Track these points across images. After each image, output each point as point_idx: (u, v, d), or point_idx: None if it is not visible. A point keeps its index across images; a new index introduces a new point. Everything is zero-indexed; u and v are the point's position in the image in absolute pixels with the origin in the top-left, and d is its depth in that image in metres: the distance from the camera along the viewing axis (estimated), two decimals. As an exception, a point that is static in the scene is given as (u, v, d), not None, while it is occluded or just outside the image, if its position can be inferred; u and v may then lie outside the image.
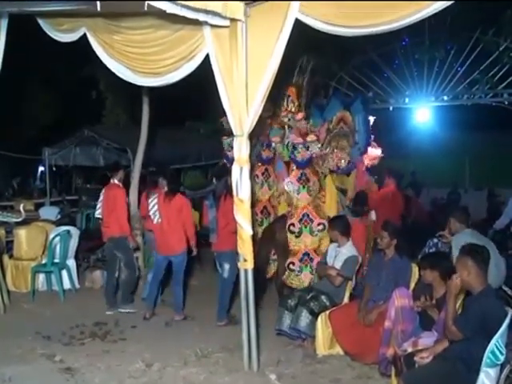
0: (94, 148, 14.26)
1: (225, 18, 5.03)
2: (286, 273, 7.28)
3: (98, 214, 8.00)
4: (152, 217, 7.20)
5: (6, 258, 8.51)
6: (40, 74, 19.39)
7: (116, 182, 7.68)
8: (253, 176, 7.76)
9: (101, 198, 7.90)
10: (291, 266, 7.26)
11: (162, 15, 5.27)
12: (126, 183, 8.11)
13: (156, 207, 7.16)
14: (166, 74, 5.67)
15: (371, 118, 8.06)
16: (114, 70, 6.08)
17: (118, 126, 15.91)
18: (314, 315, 5.82)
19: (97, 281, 8.73)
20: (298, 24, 4.99)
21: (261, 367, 5.33)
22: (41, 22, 6.84)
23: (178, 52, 5.59)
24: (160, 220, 7.13)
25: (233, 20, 5.08)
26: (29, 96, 20.74)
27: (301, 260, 7.23)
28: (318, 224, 7.24)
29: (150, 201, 7.28)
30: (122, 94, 14.89)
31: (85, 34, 6.30)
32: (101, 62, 6.33)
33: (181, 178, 13.43)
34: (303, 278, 7.19)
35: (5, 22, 7.57)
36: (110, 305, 7.55)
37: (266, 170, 8.14)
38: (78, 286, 8.65)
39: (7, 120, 17.59)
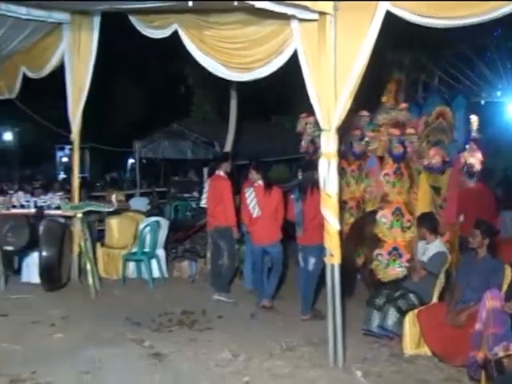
0: (182, 141, 14.60)
1: (313, 11, 5.02)
2: (374, 263, 7.19)
3: (203, 203, 8.30)
4: (251, 210, 7.32)
5: (98, 245, 8.88)
6: (131, 70, 20.05)
7: (221, 173, 7.88)
8: (348, 171, 7.74)
9: (206, 188, 8.18)
10: (379, 257, 7.17)
11: (251, 10, 5.34)
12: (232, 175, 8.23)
13: (255, 200, 7.28)
14: (255, 68, 5.74)
15: (473, 117, 7.62)
16: (205, 65, 6.21)
17: (205, 121, 16.22)
18: (402, 313, 5.72)
19: (184, 271, 8.96)
20: (389, 17, 4.91)
21: (346, 363, 5.27)
22: (133, 19, 7.07)
23: (267, 47, 5.65)
24: (260, 213, 7.24)
25: (321, 14, 5.05)
26: (120, 92, 21.49)
27: (389, 253, 7.12)
28: (408, 220, 7.11)
29: (247, 195, 7.39)
30: (210, 89, 15.17)
31: (175, 30, 6.47)
32: (189, 57, 6.48)
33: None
34: (390, 272, 7.08)
35: (97, 20, 7.92)
36: (217, 289, 7.80)
37: (360, 165, 8.04)
38: (166, 275, 8.90)
39: (100, 115, 18.30)
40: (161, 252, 8.93)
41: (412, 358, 5.51)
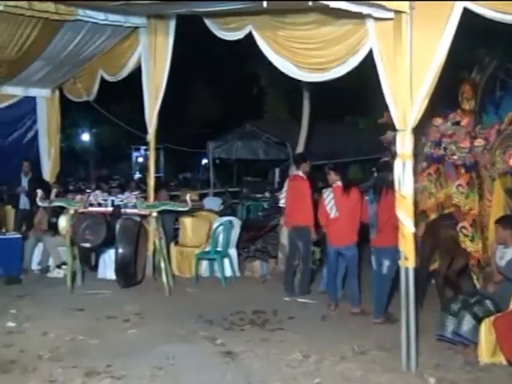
0: (254, 142, 14.69)
1: (389, 10, 4.93)
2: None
3: (281, 203, 8.34)
4: (329, 211, 7.30)
5: (172, 244, 9.05)
6: (204, 72, 20.33)
7: (300, 173, 7.96)
8: (426, 174, 7.57)
9: (285, 188, 8.23)
10: (471, 266, 7.05)
11: (326, 10, 5.30)
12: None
13: (333, 202, 7.26)
14: (330, 69, 5.70)
15: None
16: (278, 65, 6.23)
17: (278, 121, 16.25)
18: (478, 320, 5.51)
19: (256, 270, 9.01)
20: (467, 14, 4.77)
21: (419, 369, 5.14)
22: (207, 21, 7.18)
23: (342, 47, 5.60)
24: (337, 214, 7.22)
25: (397, 12, 4.95)
26: (194, 93, 21.80)
27: (478, 264, 6.97)
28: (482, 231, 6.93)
29: (325, 196, 7.37)
30: (283, 90, 15.18)
31: (249, 32, 6.51)
32: (262, 58, 6.50)
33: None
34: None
35: (173, 24, 8.08)
36: (289, 291, 7.86)
37: (438, 168, 7.83)
38: (238, 274, 8.99)
39: (174, 116, 18.65)
40: (233, 251, 9.02)
41: (487, 367, 5.30)
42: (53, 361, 5.27)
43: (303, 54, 5.98)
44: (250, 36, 6.70)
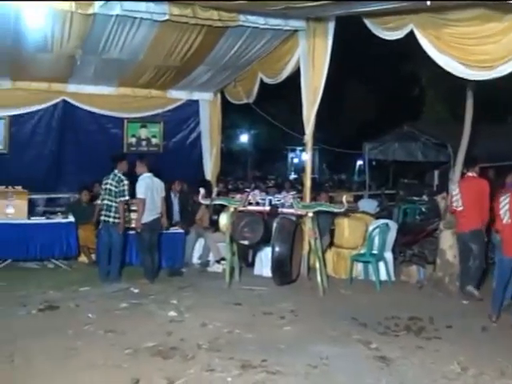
0: (412, 143, 14.29)
1: None
2: None
3: (456, 206, 7.99)
4: (502, 216, 6.97)
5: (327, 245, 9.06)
6: (359, 72, 20.15)
7: (474, 174, 7.91)
8: None
9: (456, 191, 7.98)
10: None
11: (490, 5, 5.03)
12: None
13: (507, 207, 6.90)
14: (496, 66, 5.40)
15: None
16: (442, 64, 6.03)
17: (437, 122, 15.67)
18: None
19: (412, 275, 8.76)
20: None
21: None
22: (367, 21, 7.11)
23: (507, 43, 5.28)
24: (510, 220, 6.87)
25: None
26: (349, 93, 21.71)
27: None
28: None
29: (500, 200, 7.04)
30: (443, 90, 14.62)
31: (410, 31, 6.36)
32: (423, 58, 6.31)
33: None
34: None
35: (332, 26, 8.11)
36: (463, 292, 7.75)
37: None
38: (393, 278, 8.80)
39: (330, 117, 18.70)
40: (388, 255, 8.85)
41: None
42: (211, 351, 5.51)
43: (468, 51, 5.72)
44: (407, 35, 6.56)
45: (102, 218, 8.41)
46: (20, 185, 9.33)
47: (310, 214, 7.93)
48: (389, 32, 6.93)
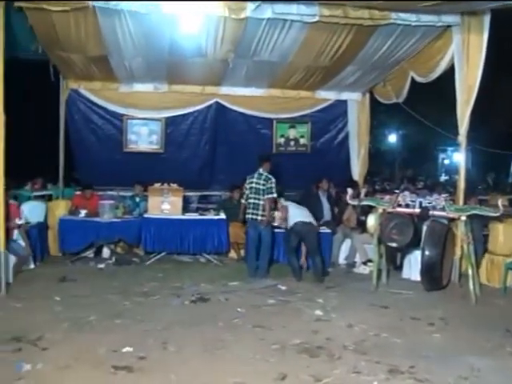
0: None
1: None
2: None
3: None
4: None
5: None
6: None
7: None
8: None
9: None
10: None
11: None
12: None
13: None
14: None
15: None
16: None
17: None
18: None
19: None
20: None
21: None
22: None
23: None
24: None
25: None
26: (504, 90, 20.51)
27: None
28: None
29: None
30: None
31: None
32: None
33: None
34: None
35: (487, 19, 7.73)
36: None
37: None
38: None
39: (483, 115, 17.80)
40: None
41: None
42: (357, 353, 5.47)
43: None
44: None
45: (249, 216, 8.70)
46: (175, 183, 9.90)
47: (463, 218, 7.61)
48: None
